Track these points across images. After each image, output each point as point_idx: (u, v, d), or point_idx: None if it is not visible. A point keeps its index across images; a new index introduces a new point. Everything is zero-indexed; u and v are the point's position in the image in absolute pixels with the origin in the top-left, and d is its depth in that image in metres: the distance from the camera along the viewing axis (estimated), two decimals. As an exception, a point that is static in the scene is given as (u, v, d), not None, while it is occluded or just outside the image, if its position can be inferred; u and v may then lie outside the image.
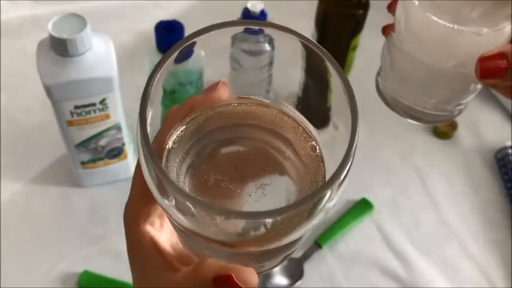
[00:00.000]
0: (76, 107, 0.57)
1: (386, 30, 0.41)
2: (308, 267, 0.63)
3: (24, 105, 0.75)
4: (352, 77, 0.70)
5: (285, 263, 0.30)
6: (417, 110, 0.40)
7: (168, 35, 0.62)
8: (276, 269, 0.62)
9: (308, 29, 0.72)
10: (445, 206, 0.71)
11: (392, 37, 0.40)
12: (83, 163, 0.64)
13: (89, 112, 0.57)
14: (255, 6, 0.64)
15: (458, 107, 0.40)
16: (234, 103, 0.27)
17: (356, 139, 0.22)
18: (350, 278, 0.63)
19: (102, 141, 0.62)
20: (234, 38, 0.26)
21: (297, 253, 0.64)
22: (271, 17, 0.66)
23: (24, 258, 0.61)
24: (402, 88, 0.41)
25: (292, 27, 0.24)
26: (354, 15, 0.66)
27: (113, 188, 0.67)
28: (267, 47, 0.63)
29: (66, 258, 0.62)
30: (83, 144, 0.61)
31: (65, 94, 0.55)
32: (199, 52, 0.25)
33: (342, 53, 0.70)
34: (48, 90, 0.54)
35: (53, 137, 0.66)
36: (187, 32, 0.63)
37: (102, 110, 0.58)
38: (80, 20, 0.53)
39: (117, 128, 0.61)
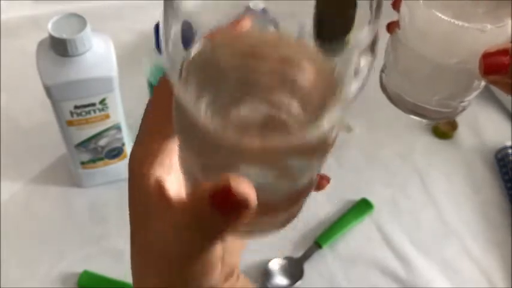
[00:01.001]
0: (76, 107, 0.57)
1: (391, 26, 0.41)
2: (308, 267, 0.63)
3: (24, 105, 0.75)
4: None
5: (284, 228, 0.28)
6: (421, 106, 0.40)
7: (168, 35, 0.62)
8: (276, 269, 0.62)
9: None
10: (445, 206, 0.71)
11: (397, 34, 0.40)
12: (82, 163, 0.64)
13: (88, 112, 0.57)
14: (257, 6, 0.64)
15: (462, 104, 0.40)
16: (250, 32, 0.25)
17: None
18: (350, 278, 0.63)
19: (102, 141, 0.62)
20: None
21: (297, 253, 0.64)
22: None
23: (24, 258, 0.61)
24: (406, 84, 0.41)
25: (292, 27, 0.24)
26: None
27: (112, 188, 0.67)
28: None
29: (66, 258, 0.62)
30: (83, 144, 0.61)
31: (64, 94, 0.55)
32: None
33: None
34: (48, 90, 0.54)
35: (52, 137, 0.66)
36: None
37: (102, 110, 0.58)
38: (79, 20, 0.53)
39: (117, 128, 0.61)
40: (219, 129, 0.21)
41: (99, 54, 0.55)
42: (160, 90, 0.27)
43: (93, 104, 0.57)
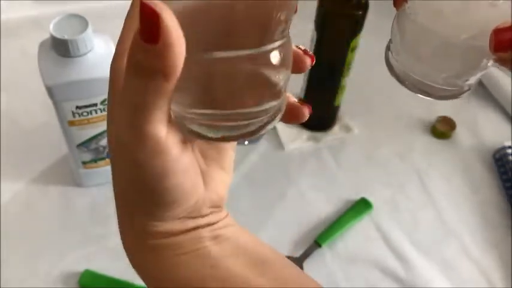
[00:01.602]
0: (78, 108, 0.57)
1: (398, 1, 0.40)
2: (307, 266, 0.63)
3: (25, 105, 0.75)
4: (352, 77, 0.70)
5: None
6: (428, 84, 0.40)
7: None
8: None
9: (308, 29, 0.72)
10: (444, 205, 0.71)
11: (405, 9, 0.39)
12: (84, 163, 0.64)
13: (90, 112, 0.58)
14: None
15: (468, 83, 0.40)
16: None
17: None
18: (349, 277, 0.63)
19: (104, 141, 0.62)
20: None
21: (297, 252, 0.64)
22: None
23: (25, 258, 0.62)
24: (413, 62, 0.40)
25: (292, 27, 0.25)
26: (353, 15, 0.67)
27: (113, 188, 0.67)
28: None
29: (67, 258, 0.62)
30: (84, 144, 0.62)
31: (66, 94, 0.55)
32: None
33: (341, 53, 0.70)
34: (50, 90, 0.54)
35: (53, 137, 0.67)
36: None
37: (104, 110, 0.58)
38: (81, 21, 0.54)
39: (118, 128, 0.62)
40: None
41: (100, 54, 0.55)
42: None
43: (95, 105, 0.57)
